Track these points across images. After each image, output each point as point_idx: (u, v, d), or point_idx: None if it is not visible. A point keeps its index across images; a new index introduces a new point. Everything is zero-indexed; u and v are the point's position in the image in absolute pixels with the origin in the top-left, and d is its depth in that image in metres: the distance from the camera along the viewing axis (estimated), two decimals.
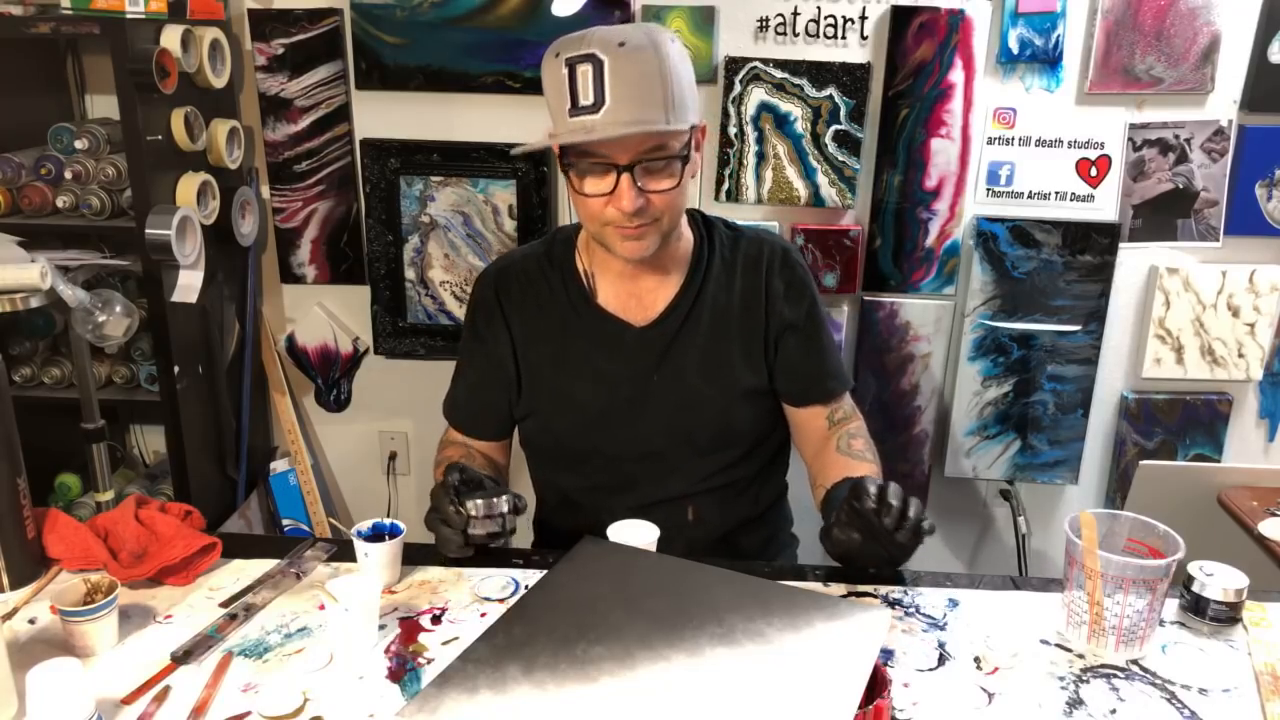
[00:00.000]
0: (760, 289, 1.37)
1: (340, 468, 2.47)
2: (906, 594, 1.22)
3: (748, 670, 0.92)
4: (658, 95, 1.17)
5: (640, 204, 1.21)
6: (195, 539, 1.23)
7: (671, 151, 1.21)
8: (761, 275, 1.38)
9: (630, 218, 1.23)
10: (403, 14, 2.06)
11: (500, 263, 1.47)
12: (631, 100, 1.16)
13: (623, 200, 1.21)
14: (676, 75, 1.19)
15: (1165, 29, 1.98)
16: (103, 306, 1.62)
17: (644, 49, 1.16)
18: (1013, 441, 2.22)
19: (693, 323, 1.37)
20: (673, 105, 1.18)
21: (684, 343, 1.37)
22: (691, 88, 1.23)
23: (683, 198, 1.27)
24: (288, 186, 2.22)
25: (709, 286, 1.37)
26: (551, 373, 1.40)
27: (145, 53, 1.79)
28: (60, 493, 2.19)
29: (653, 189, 1.22)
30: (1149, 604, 1.07)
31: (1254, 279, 2.12)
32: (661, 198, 1.23)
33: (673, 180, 1.22)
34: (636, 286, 1.37)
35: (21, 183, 1.90)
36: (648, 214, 1.23)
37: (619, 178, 1.20)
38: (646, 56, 1.16)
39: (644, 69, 1.16)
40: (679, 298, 1.37)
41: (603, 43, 1.16)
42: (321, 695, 1.01)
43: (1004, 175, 2.09)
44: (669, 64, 1.18)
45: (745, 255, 1.39)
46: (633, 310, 1.38)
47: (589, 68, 1.15)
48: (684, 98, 1.20)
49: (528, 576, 1.24)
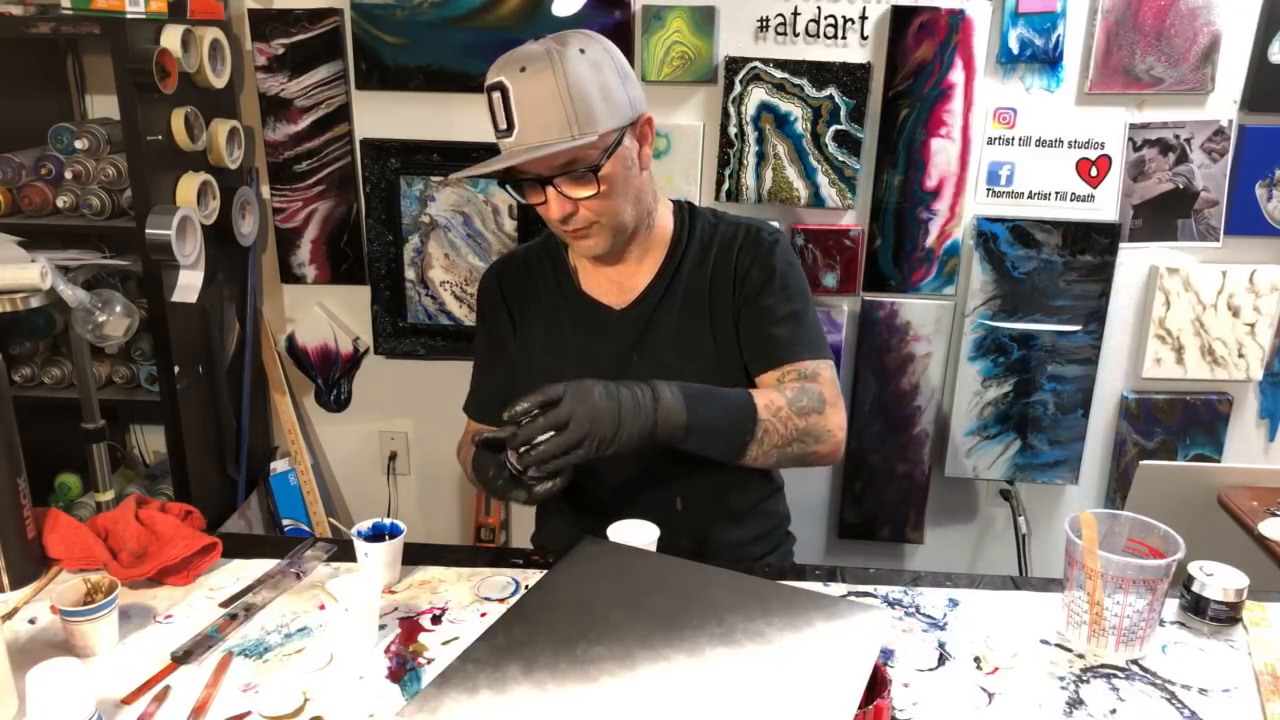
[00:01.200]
0: (730, 268, 1.40)
1: (340, 468, 2.47)
2: (906, 594, 1.22)
3: (748, 670, 0.92)
4: (559, 114, 1.21)
5: (569, 210, 1.28)
6: (195, 539, 1.23)
7: (586, 162, 1.25)
8: (733, 255, 1.40)
9: (563, 223, 1.30)
10: (403, 14, 2.06)
11: (502, 257, 1.56)
12: (535, 123, 1.21)
13: (551, 209, 1.28)
14: (580, 90, 1.21)
15: (1165, 29, 1.98)
16: (103, 306, 1.62)
17: (542, 71, 1.20)
18: (1013, 441, 2.22)
19: (668, 303, 1.40)
20: (575, 120, 1.21)
21: (659, 323, 1.40)
22: (604, 94, 1.24)
23: (620, 199, 1.30)
24: (288, 186, 2.22)
25: (684, 269, 1.41)
26: (542, 354, 1.45)
27: (145, 53, 1.79)
28: (60, 493, 2.19)
29: (577, 197, 1.27)
30: (1149, 604, 1.07)
31: (1254, 279, 2.12)
32: (589, 204, 1.28)
33: (592, 188, 1.26)
34: (616, 273, 1.43)
35: (22, 183, 1.90)
36: (580, 219, 1.29)
37: (544, 189, 1.27)
38: (544, 79, 1.20)
39: (542, 92, 1.20)
40: (655, 281, 1.41)
41: (508, 68, 1.22)
42: (321, 695, 1.01)
43: (1004, 175, 2.09)
44: (569, 81, 1.21)
45: (721, 238, 1.42)
46: (613, 295, 1.43)
47: (499, 95, 1.22)
48: (591, 109, 1.22)
49: (528, 576, 1.24)
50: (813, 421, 1.29)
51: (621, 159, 1.28)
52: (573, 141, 1.21)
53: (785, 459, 1.30)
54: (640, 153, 1.32)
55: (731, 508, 1.47)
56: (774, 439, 1.26)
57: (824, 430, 1.30)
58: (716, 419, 1.23)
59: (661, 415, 1.17)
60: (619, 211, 1.31)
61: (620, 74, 1.28)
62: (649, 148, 1.34)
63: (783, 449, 1.27)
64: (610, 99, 1.25)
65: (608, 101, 1.24)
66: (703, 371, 1.38)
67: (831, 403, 1.32)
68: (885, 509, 2.31)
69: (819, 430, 1.29)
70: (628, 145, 1.29)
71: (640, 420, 1.16)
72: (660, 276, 1.41)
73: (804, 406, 1.28)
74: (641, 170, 1.33)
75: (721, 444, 1.25)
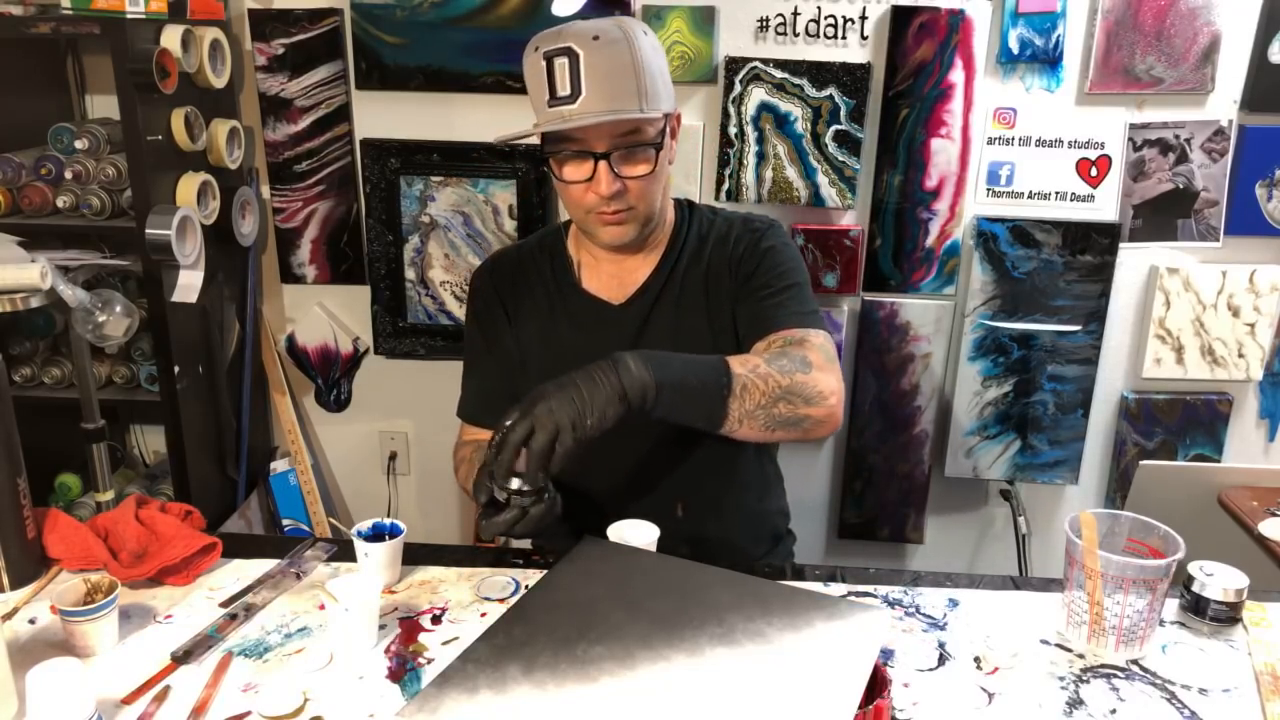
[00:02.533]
0: (725, 258, 1.40)
1: (340, 468, 2.47)
2: (906, 594, 1.22)
3: (748, 670, 0.92)
4: (631, 85, 1.22)
5: (617, 188, 1.27)
6: (195, 539, 1.23)
7: (646, 138, 1.26)
8: (729, 246, 1.41)
9: (609, 202, 1.28)
10: (403, 14, 2.06)
11: (493, 255, 1.55)
12: (606, 90, 1.21)
13: (600, 185, 1.26)
14: (649, 66, 1.24)
15: (1165, 29, 1.98)
16: (103, 306, 1.62)
17: (618, 41, 1.22)
18: (1013, 441, 2.22)
19: (666, 298, 1.40)
20: (646, 94, 1.23)
21: (657, 317, 1.40)
22: (664, 77, 1.28)
23: (659, 185, 1.32)
24: (288, 186, 2.22)
25: (682, 263, 1.41)
26: (540, 351, 1.44)
27: (145, 53, 1.79)
28: (60, 493, 2.19)
29: (629, 174, 1.27)
30: (1149, 604, 1.07)
31: (1254, 279, 2.12)
32: (638, 184, 1.28)
33: (648, 166, 1.27)
34: (618, 268, 1.42)
35: (22, 183, 1.90)
36: (625, 200, 1.29)
37: (596, 165, 1.26)
38: (620, 49, 1.22)
39: (617, 60, 1.21)
40: (654, 275, 1.41)
41: (578, 36, 1.22)
42: (321, 695, 1.01)
43: (1004, 175, 2.09)
44: (641, 55, 1.23)
45: (717, 232, 1.43)
46: (612, 290, 1.42)
47: (565, 60, 1.21)
48: (656, 87, 1.25)
49: (528, 576, 1.24)
50: (797, 380, 1.20)
51: (668, 145, 1.31)
52: (641, 113, 1.23)
53: (775, 423, 1.20)
54: (671, 146, 1.34)
55: (732, 510, 1.47)
56: (755, 396, 1.18)
57: (813, 391, 1.21)
58: (687, 375, 1.16)
59: (627, 380, 1.10)
60: (654, 199, 1.32)
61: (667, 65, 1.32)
62: (675, 142, 1.37)
63: (769, 409, 1.19)
64: (667, 83, 1.29)
65: (665, 85, 1.28)
66: None
67: (820, 366, 1.24)
68: (885, 509, 2.31)
69: (806, 390, 1.21)
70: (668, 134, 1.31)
71: (604, 391, 1.08)
72: (658, 271, 1.41)
73: (784, 365, 1.21)
74: (670, 163, 1.36)
75: (698, 402, 1.17)
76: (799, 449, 2.29)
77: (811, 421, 1.22)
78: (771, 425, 1.20)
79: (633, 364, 1.12)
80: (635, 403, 1.11)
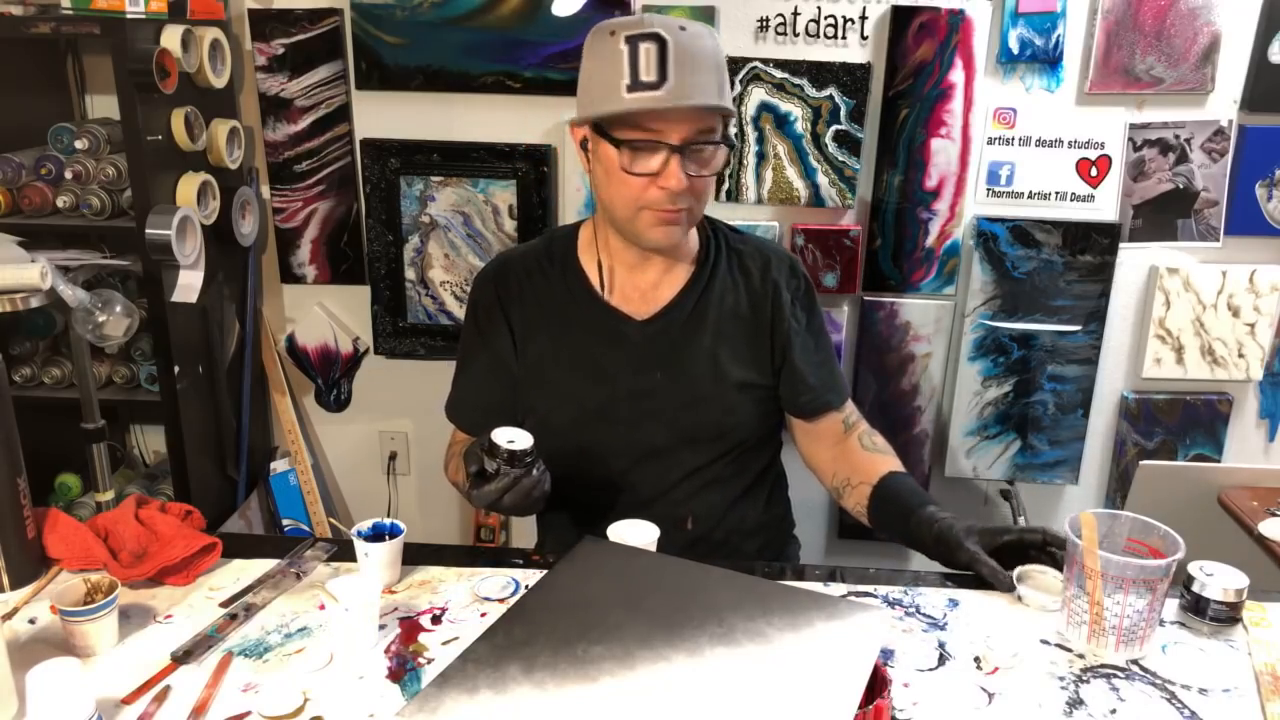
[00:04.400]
0: (769, 294, 1.40)
1: (340, 468, 2.47)
2: (906, 594, 1.22)
3: (748, 670, 0.92)
4: (714, 79, 1.23)
5: (685, 185, 1.24)
6: (195, 539, 1.23)
7: (721, 133, 1.26)
8: (770, 281, 1.40)
9: (673, 199, 1.25)
10: (403, 14, 2.06)
11: (497, 260, 1.48)
12: (694, 81, 1.20)
13: (671, 179, 1.23)
14: (722, 64, 1.26)
15: (1165, 29, 1.98)
16: (103, 306, 1.62)
17: (703, 36, 1.23)
18: (1013, 442, 2.22)
19: (697, 319, 1.38)
20: (724, 89, 1.24)
21: (689, 339, 1.37)
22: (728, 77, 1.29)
23: (711, 188, 1.32)
24: (288, 186, 2.22)
25: (715, 284, 1.39)
26: (550, 366, 1.40)
27: (145, 53, 1.79)
28: (60, 493, 2.19)
29: (698, 172, 1.26)
30: (1149, 604, 1.07)
31: (1254, 279, 2.12)
32: (701, 183, 1.27)
33: (718, 164, 1.27)
34: (642, 279, 1.38)
35: (21, 183, 1.90)
36: (686, 198, 1.27)
37: (669, 158, 1.23)
38: (706, 42, 1.22)
39: (705, 52, 1.22)
40: (684, 293, 1.38)
41: (664, 24, 1.21)
42: (321, 695, 1.01)
43: (1004, 175, 2.09)
44: (720, 52, 1.25)
45: (754, 258, 1.42)
46: (635, 303, 1.38)
47: (653, 46, 1.18)
48: (727, 85, 1.26)
49: (528, 576, 1.24)
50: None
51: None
52: (729, 105, 1.24)
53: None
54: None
55: (741, 521, 1.46)
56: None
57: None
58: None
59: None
60: (707, 202, 1.33)
61: None
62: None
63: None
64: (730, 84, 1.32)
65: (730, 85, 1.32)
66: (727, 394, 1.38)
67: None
68: None
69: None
70: None
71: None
72: (688, 292, 1.38)
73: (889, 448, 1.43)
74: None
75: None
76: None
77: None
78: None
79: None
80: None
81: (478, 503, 1.18)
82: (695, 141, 1.23)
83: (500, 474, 1.15)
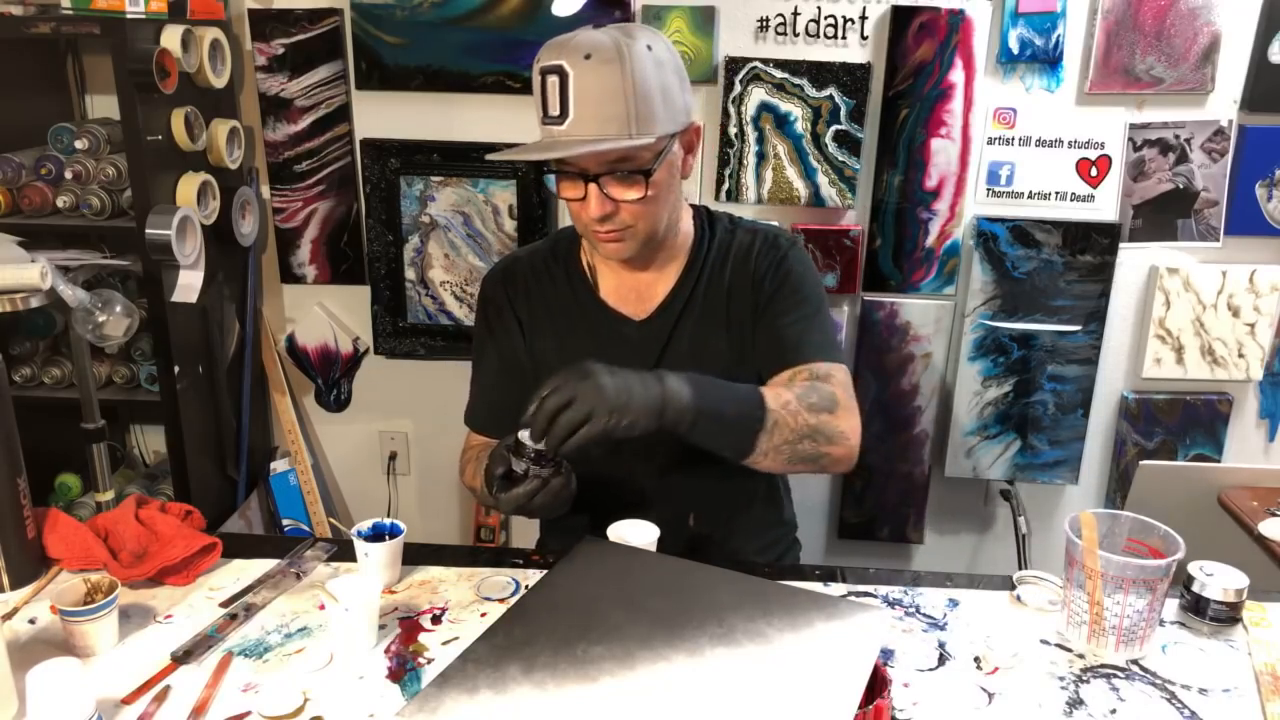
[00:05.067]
0: (748, 275, 1.37)
1: (340, 468, 2.47)
2: (906, 594, 1.22)
3: (748, 670, 0.92)
4: (620, 110, 1.16)
5: (608, 210, 1.23)
6: (195, 539, 1.23)
7: (639, 164, 1.21)
8: (750, 263, 1.37)
9: (600, 223, 1.24)
10: (403, 14, 2.06)
11: (505, 261, 1.49)
12: (592, 116, 1.16)
13: (590, 207, 1.22)
14: (644, 87, 1.17)
15: (1165, 29, 1.98)
16: (103, 306, 1.62)
17: (610, 62, 1.15)
18: (1013, 441, 2.22)
19: (688, 314, 1.37)
20: (637, 119, 1.17)
21: (681, 334, 1.37)
22: (666, 95, 1.21)
23: (658, 206, 1.26)
24: (288, 186, 2.22)
25: (704, 278, 1.38)
26: (556, 364, 1.39)
27: (145, 53, 1.79)
28: (60, 493, 2.19)
29: (620, 198, 1.23)
30: (1149, 604, 1.07)
31: (1254, 279, 2.12)
32: (630, 207, 1.23)
33: (639, 191, 1.22)
34: (635, 280, 1.38)
35: (21, 183, 1.90)
36: (618, 220, 1.25)
37: (587, 185, 1.22)
38: (611, 70, 1.15)
39: (607, 83, 1.16)
40: (675, 290, 1.38)
41: (572, 53, 1.16)
42: (321, 695, 1.01)
43: (1004, 175, 2.09)
44: (637, 75, 1.17)
45: (739, 245, 1.39)
46: (632, 303, 1.39)
47: (556, 79, 1.16)
48: (652, 109, 1.18)
49: (528, 576, 1.24)
50: (824, 420, 1.23)
51: (669, 165, 1.25)
52: (630, 141, 1.17)
53: (797, 459, 1.23)
54: (685, 160, 1.29)
55: (744, 521, 1.46)
56: (784, 433, 1.20)
57: (836, 431, 1.24)
58: (724, 404, 1.18)
59: (668, 394, 1.11)
60: (656, 218, 1.27)
61: (680, 77, 1.25)
62: (694, 156, 1.31)
63: (794, 445, 1.21)
64: (670, 102, 1.21)
65: (667, 104, 1.21)
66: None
67: (845, 406, 1.26)
68: (885, 509, 2.31)
69: (831, 430, 1.23)
70: (676, 152, 1.26)
71: (648, 396, 1.09)
72: (681, 286, 1.37)
73: (814, 403, 1.23)
74: (683, 178, 1.31)
75: (730, 433, 1.19)
76: None
77: (830, 460, 1.25)
78: (792, 460, 1.23)
79: (675, 384, 1.12)
80: (670, 422, 1.11)
81: (505, 506, 1.16)
82: (612, 170, 1.20)
83: (530, 476, 1.12)
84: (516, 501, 1.14)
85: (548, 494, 1.13)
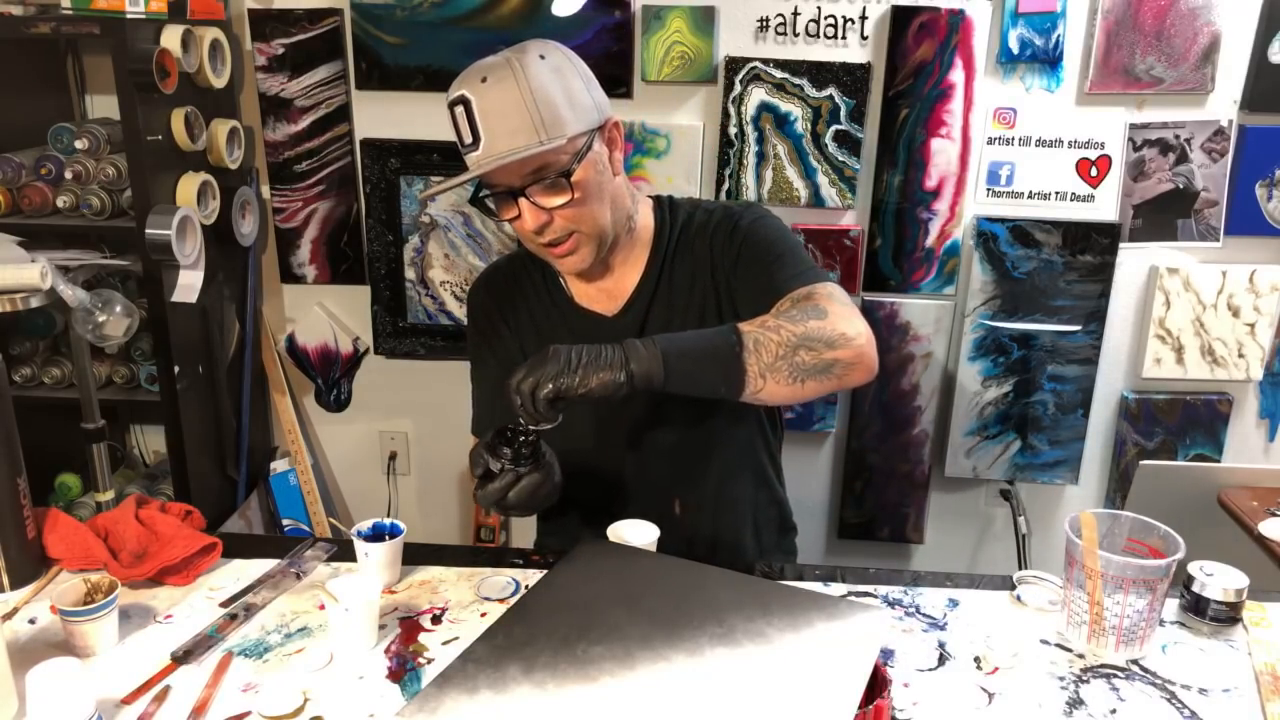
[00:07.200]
0: (707, 253, 1.37)
1: (340, 468, 2.47)
2: (906, 594, 1.22)
3: (748, 670, 0.92)
4: (525, 120, 1.19)
5: (544, 220, 1.25)
6: (195, 539, 1.23)
7: (558, 168, 1.23)
8: (708, 239, 1.37)
9: (540, 236, 1.27)
10: (403, 14, 2.06)
11: (487, 270, 1.53)
12: (500, 133, 1.20)
13: (526, 221, 1.25)
14: (544, 94, 1.20)
15: (1165, 29, 1.98)
16: (103, 306, 1.62)
17: (505, 79, 1.19)
18: (1013, 441, 2.22)
19: (658, 303, 1.39)
20: (543, 125, 1.19)
21: (653, 324, 1.38)
22: (573, 98, 1.23)
23: (594, 205, 1.27)
24: (288, 186, 2.22)
25: (669, 265, 1.39)
26: None
27: (145, 53, 1.79)
28: (60, 493, 2.19)
29: (549, 205, 1.25)
30: (1149, 604, 1.07)
31: (1254, 279, 2.12)
32: (563, 213, 1.25)
33: (565, 195, 1.24)
34: (602, 280, 1.40)
35: (21, 183, 1.90)
36: (558, 229, 1.27)
37: (517, 201, 1.24)
38: (507, 86, 1.19)
39: (506, 99, 1.19)
40: (642, 283, 1.39)
41: (471, 80, 1.21)
42: (321, 695, 1.01)
43: (1004, 175, 2.09)
44: (535, 85, 1.20)
45: (698, 226, 1.39)
46: (603, 301, 1.41)
47: (462, 109, 1.21)
48: (558, 113, 1.21)
49: (528, 576, 1.24)
50: (812, 326, 1.15)
51: (593, 164, 1.26)
52: (540, 146, 1.19)
53: (801, 373, 1.14)
54: (611, 157, 1.30)
55: (729, 502, 1.47)
56: (771, 348, 1.13)
57: (833, 334, 1.15)
58: (690, 340, 1.16)
59: (628, 347, 1.11)
60: (596, 218, 1.28)
61: (584, 79, 1.27)
62: (620, 151, 1.32)
63: (790, 359, 1.13)
64: (575, 103, 1.23)
65: (573, 105, 1.23)
66: None
67: (836, 312, 1.17)
68: (885, 509, 2.31)
69: (825, 334, 1.14)
70: (598, 150, 1.27)
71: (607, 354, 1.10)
72: (647, 277, 1.39)
73: (794, 315, 1.16)
74: (615, 175, 1.31)
75: (711, 364, 1.14)
76: (799, 448, 2.29)
77: (841, 365, 1.16)
78: (798, 376, 1.14)
79: (635, 341, 1.13)
80: (642, 376, 1.10)
81: (483, 502, 1.17)
82: (535, 181, 1.23)
83: (504, 472, 1.14)
84: (492, 498, 1.15)
85: (523, 490, 1.14)
